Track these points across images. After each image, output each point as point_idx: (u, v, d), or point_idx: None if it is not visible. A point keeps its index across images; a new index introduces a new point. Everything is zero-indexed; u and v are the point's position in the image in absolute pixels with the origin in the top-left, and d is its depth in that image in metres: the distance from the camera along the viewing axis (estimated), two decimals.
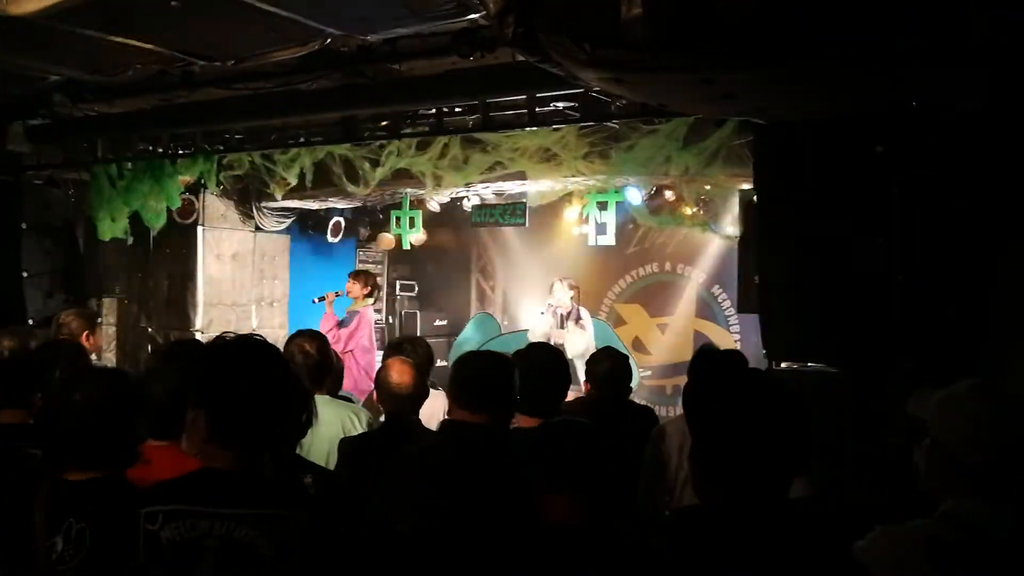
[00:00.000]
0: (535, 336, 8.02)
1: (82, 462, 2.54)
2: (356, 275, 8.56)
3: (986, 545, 1.95)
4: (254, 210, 8.89)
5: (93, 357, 5.10)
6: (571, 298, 8.14)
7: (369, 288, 8.21)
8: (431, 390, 4.35)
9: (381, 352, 6.53)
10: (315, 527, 2.14)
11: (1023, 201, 3.57)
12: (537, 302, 10.75)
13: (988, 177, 3.62)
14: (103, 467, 2.54)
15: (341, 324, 8.00)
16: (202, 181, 7.94)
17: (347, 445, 3.78)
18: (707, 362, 3.86)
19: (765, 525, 1.92)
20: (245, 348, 2.30)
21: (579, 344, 7.74)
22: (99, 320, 6.99)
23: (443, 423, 3.16)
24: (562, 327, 7.99)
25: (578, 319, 8.10)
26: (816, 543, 1.94)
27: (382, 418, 4.34)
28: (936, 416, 2.11)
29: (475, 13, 4.03)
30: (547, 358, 3.61)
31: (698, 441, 2.06)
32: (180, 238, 8.56)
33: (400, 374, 3.88)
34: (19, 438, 3.13)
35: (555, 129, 5.99)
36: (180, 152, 6.95)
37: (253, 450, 2.20)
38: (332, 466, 3.75)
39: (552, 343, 7.77)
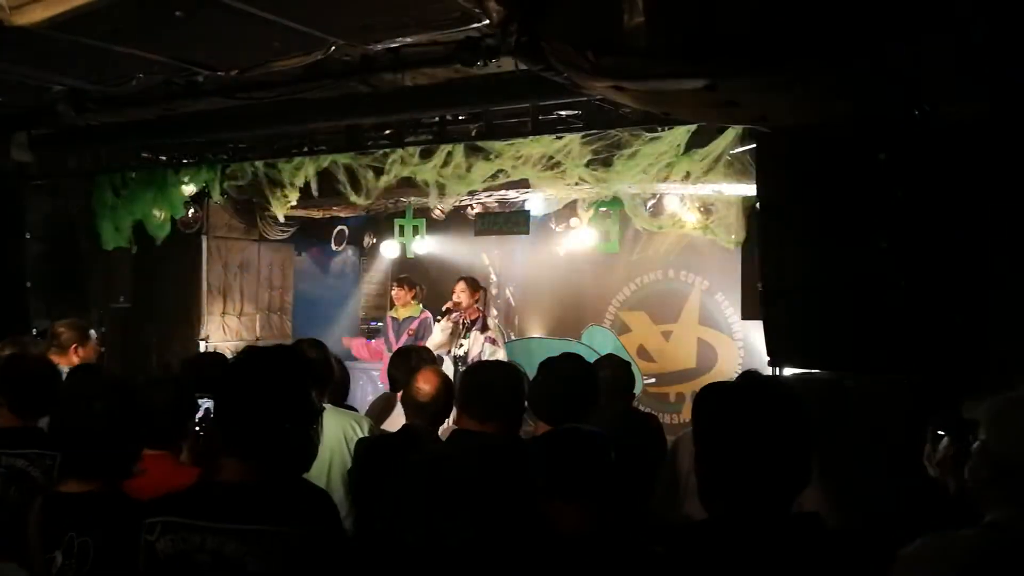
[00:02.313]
0: (432, 348, 7.14)
1: (85, 473, 2.54)
2: (401, 282, 8.57)
3: None
4: (258, 219, 8.91)
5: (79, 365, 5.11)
6: (475, 302, 7.62)
7: (414, 291, 8.42)
8: None
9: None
10: (310, 545, 2.08)
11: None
12: (541, 307, 10.77)
13: (989, 182, 3.62)
14: (104, 478, 2.54)
15: (414, 334, 8.24)
16: (206, 190, 7.96)
17: (363, 446, 3.78)
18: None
19: (768, 536, 1.92)
20: (257, 357, 2.28)
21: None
22: (102, 330, 7.00)
23: (451, 432, 3.16)
24: (465, 336, 7.41)
25: (484, 328, 7.50)
26: (819, 554, 1.93)
27: (384, 426, 4.34)
28: (988, 421, 2.04)
29: (478, 22, 4.03)
30: (572, 368, 3.61)
31: (702, 452, 2.05)
32: (184, 247, 8.56)
33: (426, 381, 3.85)
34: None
35: (558, 137, 6.00)
36: (184, 161, 6.97)
37: (263, 462, 2.15)
38: (334, 474, 3.76)
39: (452, 356, 7.26)
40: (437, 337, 7.46)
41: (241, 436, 2.15)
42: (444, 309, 7.58)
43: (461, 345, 7.44)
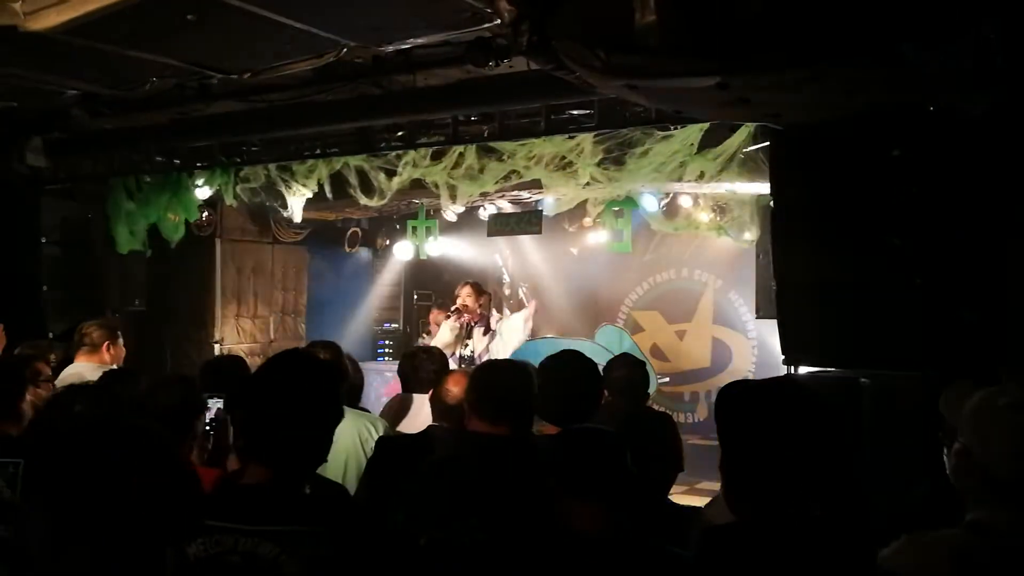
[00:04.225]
0: (437, 345, 7.10)
1: None
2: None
3: (1017, 556, 1.90)
4: (271, 222, 8.93)
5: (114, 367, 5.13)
6: (480, 305, 7.64)
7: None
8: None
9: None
10: (344, 543, 2.10)
11: None
12: (554, 306, 10.75)
13: (1004, 178, 3.60)
14: None
15: None
16: (220, 193, 7.99)
17: (383, 445, 3.77)
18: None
19: (796, 540, 1.90)
20: (284, 365, 2.28)
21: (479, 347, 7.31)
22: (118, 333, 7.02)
23: (463, 434, 3.15)
24: (469, 336, 7.47)
25: (488, 330, 7.56)
26: (842, 554, 1.92)
27: (399, 427, 4.34)
28: (970, 425, 2.01)
29: (489, 22, 4.03)
30: (575, 366, 3.58)
31: (727, 454, 2.04)
32: (198, 250, 8.60)
33: (455, 384, 3.84)
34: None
35: (570, 137, 5.99)
36: (197, 165, 7.00)
37: (288, 465, 2.17)
38: (349, 476, 3.76)
39: (458, 356, 7.28)
40: (445, 336, 7.48)
41: (267, 442, 2.17)
42: (453, 309, 7.59)
43: (467, 346, 7.47)
